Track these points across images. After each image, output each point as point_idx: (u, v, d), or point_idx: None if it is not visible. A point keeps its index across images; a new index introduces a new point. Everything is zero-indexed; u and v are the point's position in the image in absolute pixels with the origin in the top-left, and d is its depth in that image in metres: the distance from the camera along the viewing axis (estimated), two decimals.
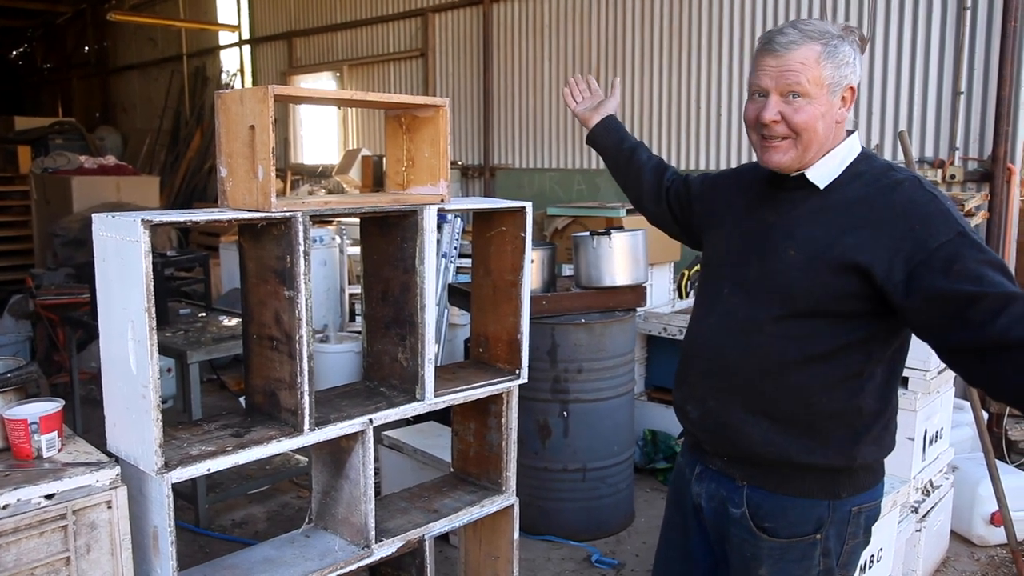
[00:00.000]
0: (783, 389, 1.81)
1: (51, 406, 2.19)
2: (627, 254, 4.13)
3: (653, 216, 2.42)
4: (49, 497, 1.98)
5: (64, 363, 6.08)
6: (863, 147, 1.87)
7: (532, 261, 2.76)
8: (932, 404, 3.43)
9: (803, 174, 1.83)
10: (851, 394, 1.78)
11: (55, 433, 2.16)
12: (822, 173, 1.81)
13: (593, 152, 7.30)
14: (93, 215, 2.05)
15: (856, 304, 1.73)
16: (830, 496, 1.83)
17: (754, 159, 1.95)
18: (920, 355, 3.21)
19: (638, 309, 4.33)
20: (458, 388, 2.63)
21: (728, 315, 1.90)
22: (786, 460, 1.83)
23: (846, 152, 1.83)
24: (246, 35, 11.86)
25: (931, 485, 3.54)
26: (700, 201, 2.21)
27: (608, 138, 2.46)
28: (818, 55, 1.73)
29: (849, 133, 1.86)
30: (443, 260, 5.45)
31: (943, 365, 3.49)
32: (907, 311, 1.66)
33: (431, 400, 2.53)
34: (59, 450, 2.17)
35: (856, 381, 1.78)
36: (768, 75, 1.76)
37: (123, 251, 1.94)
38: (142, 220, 1.89)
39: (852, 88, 1.80)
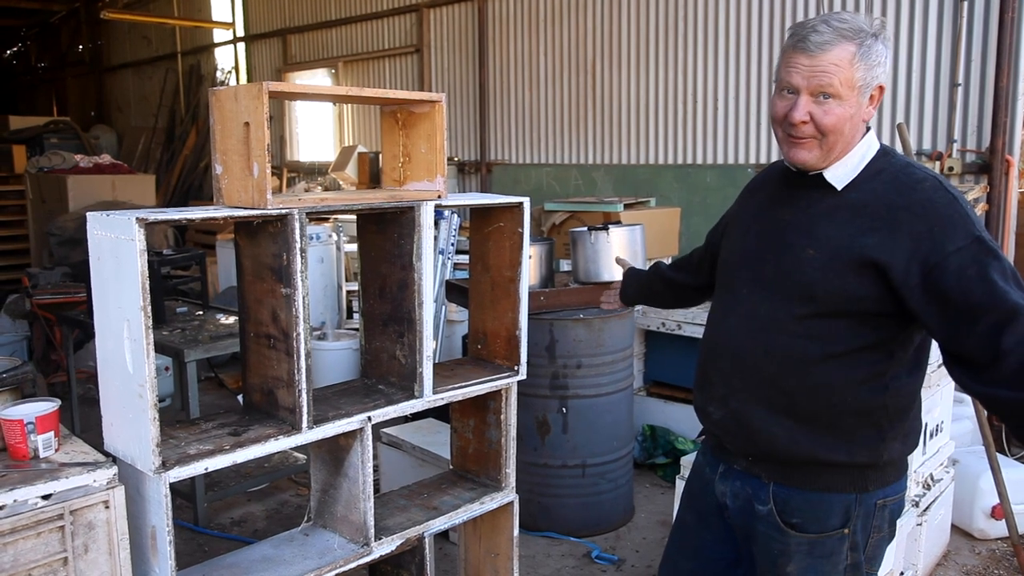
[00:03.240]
0: (805, 388, 1.80)
1: (47, 406, 2.17)
2: (625, 249, 4.12)
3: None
4: (46, 497, 1.97)
5: (61, 362, 6.06)
6: (882, 144, 1.85)
7: (530, 257, 2.75)
8: (932, 398, 3.42)
9: (821, 174, 1.80)
10: (874, 393, 1.77)
11: (51, 433, 2.14)
12: (840, 174, 1.79)
13: (590, 147, 7.34)
14: (88, 213, 2.03)
15: (876, 305, 1.72)
16: (858, 489, 1.82)
17: (747, 153, 1.94)
18: None
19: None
20: (457, 385, 2.62)
21: (748, 315, 1.89)
22: (812, 459, 1.81)
23: (865, 150, 1.80)
24: (241, 32, 11.82)
25: (932, 479, 3.53)
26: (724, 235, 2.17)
27: (636, 288, 2.64)
28: (852, 56, 1.70)
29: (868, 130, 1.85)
30: (440, 256, 5.44)
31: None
32: (920, 314, 1.68)
33: (430, 397, 2.52)
34: (56, 450, 2.15)
35: (879, 380, 1.77)
36: (800, 74, 1.72)
37: (118, 249, 1.93)
38: (137, 218, 1.87)
39: (882, 87, 1.77)
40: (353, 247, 6.81)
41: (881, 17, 1.90)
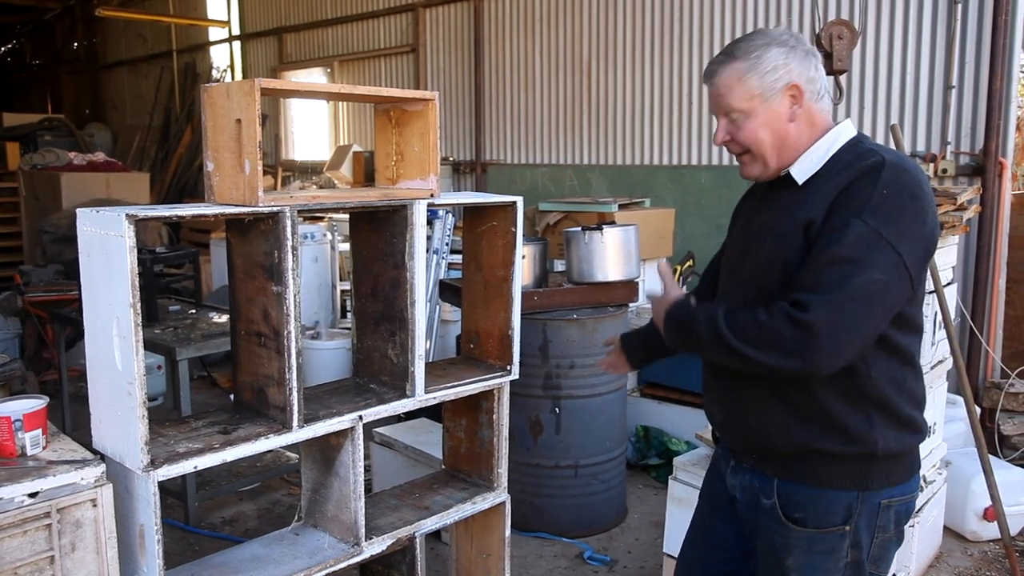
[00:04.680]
0: (784, 379, 1.82)
1: (35, 403, 2.16)
2: (619, 249, 4.11)
3: None
4: (33, 495, 1.95)
5: (53, 360, 6.04)
6: (859, 134, 1.87)
7: (523, 256, 2.75)
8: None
9: (788, 172, 1.86)
10: (853, 377, 1.78)
11: (39, 431, 2.13)
12: (803, 168, 1.85)
13: (585, 148, 7.33)
14: (78, 210, 2.02)
15: None
16: (859, 487, 1.83)
17: None
18: None
19: (630, 304, 4.32)
20: (449, 384, 2.61)
21: None
22: (807, 449, 1.84)
23: (831, 142, 1.84)
24: (236, 31, 11.80)
25: (924, 480, 3.53)
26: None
27: (644, 344, 2.34)
28: (740, 73, 1.82)
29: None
30: (434, 256, 5.43)
31: (935, 360, 3.49)
32: None
33: (422, 396, 2.52)
34: (43, 448, 2.14)
35: (857, 366, 1.77)
36: (711, 103, 1.91)
37: (108, 246, 1.92)
38: (127, 215, 1.86)
39: (794, 85, 1.82)
40: (348, 247, 6.81)
41: (782, 26, 1.96)
